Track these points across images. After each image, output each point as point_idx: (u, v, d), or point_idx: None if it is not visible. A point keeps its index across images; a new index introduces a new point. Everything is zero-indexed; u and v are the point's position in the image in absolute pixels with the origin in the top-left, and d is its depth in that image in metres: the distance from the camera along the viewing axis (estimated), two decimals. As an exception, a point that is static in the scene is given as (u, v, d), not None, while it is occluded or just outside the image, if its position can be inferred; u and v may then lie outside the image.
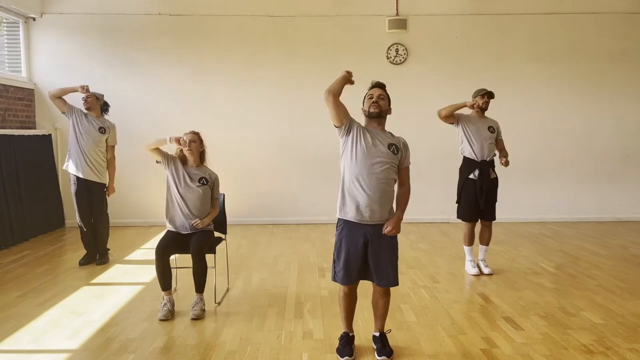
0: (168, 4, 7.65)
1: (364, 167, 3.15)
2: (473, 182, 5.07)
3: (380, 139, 3.21)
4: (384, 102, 3.26)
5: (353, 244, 3.21)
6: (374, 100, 3.24)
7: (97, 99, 5.57)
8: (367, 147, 3.16)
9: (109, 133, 5.57)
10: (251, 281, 5.03)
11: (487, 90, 5.08)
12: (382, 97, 3.27)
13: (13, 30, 7.50)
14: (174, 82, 7.73)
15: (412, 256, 5.92)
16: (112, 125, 5.64)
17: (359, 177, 3.16)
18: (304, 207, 7.85)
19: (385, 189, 3.20)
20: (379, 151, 3.17)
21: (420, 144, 7.75)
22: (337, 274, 3.29)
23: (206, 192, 4.22)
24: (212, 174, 4.29)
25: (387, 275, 3.25)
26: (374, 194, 3.15)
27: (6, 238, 6.32)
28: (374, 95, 3.26)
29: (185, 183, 4.16)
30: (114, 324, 3.93)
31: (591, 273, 5.21)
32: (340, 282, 3.30)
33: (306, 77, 7.72)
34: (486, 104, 5.08)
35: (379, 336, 3.41)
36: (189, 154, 4.18)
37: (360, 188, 3.15)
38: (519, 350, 3.44)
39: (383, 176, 3.17)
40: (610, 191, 8.05)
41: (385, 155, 3.18)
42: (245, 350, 3.46)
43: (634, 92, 7.97)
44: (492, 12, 7.82)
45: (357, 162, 3.16)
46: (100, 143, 5.52)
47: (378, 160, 3.16)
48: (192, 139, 4.18)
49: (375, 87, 3.32)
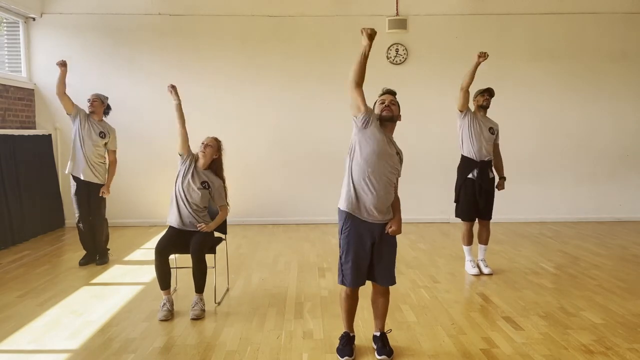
0: (168, 4, 7.65)
1: (377, 167, 3.16)
2: (472, 182, 5.07)
3: (391, 144, 3.25)
4: (395, 108, 3.28)
5: (361, 244, 3.23)
6: (386, 104, 3.25)
7: (102, 102, 5.56)
8: (382, 147, 3.16)
9: (108, 138, 5.55)
10: (251, 281, 5.03)
11: (488, 88, 5.08)
12: (394, 103, 3.29)
13: (13, 30, 7.50)
14: (174, 81, 7.63)
15: (412, 256, 5.92)
16: (112, 130, 5.61)
17: (370, 177, 3.16)
18: (304, 207, 7.84)
19: (391, 191, 3.25)
20: (390, 155, 3.21)
21: (420, 144, 7.77)
22: (346, 277, 3.26)
23: (204, 196, 4.23)
24: (216, 181, 4.29)
25: (389, 275, 3.29)
26: (382, 194, 3.18)
27: (6, 238, 6.32)
28: (385, 100, 3.27)
29: (189, 180, 4.19)
30: (114, 324, 3.93)
31: (591, 273, 5.20)
32: (350, 285, 3.27)
33: (306, 77, 7.72)
34: (487, 101, 5.08)
35: (379, 336, 3.41)
36: (202, 156, 4.25)
37: (372, 187, 3.16)
38: (519, 350, 3.44)
39: (391, 179, 3.22)
40: (609, 191, 8.05)
41: (395, 160, 3.24)
42: (245, 350, 3.46)
43: (634, 92, 7.97)
44: (492, 12, 7.82)
45: (369, 161, 3.15)
46: (99, 147, 5.51)
47: (390, 163, 3.20)
48: (209, 142, 4.28)
49: (387, 93, 3.34)
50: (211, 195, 4.27)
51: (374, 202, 3.17)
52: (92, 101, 5.48)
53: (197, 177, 4.22)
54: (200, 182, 4.21)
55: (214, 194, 4.28)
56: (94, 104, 5.48)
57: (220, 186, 4.31)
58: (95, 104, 5.49)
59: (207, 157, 4.25)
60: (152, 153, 7.65)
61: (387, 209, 3.24)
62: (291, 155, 7.83)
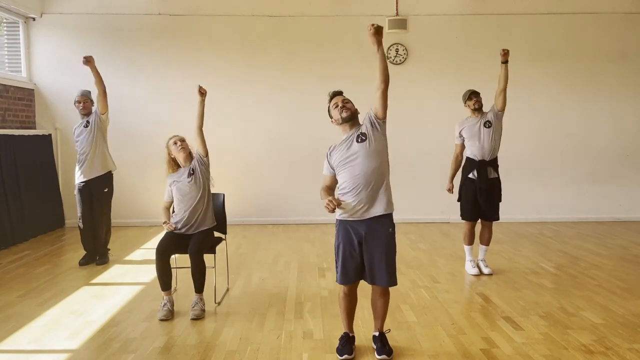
0: (168, 4, 7.65)
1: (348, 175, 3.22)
2: (472, 182, 5.08)
3: (351, 138, 3.26)
4: (350, 104, 3.31)
5: (349, 242, 3.26)
6: (340, 105, 3.29)
7: (91, 100, 5.59)
8: (343, 155, 3.24)
9: (95, 123, 5.49)
10: (251, 281, 5.03)
11: (471, 90, 5.09)
12: (346, 101, 3.32)
13: (13, 30, 7.50)
14: (174, 81, 7.73)
15: (412, 256, 5.92)
16: (95, 111, 5.53)
17: (345, 186, 3.24)
18: (304, 207, 7.84)
19: (375, 186, 3.20)
20: (351, 151, 3.23)
21: (420, 144, 7.78)
22: (337, 274, 3.34)
23: (197, 181, 4.18)
24: (195, 159, 4.24)
25: (384, 275, 3.24)
26: (361, 190, 3.18)
27: (6, 238, 6.32)
28: (339, 103, 3.31)
29: (181, 186, 4.19)
30: (114, 324, 3.93)
31: (591, 273, 5.20)
32: (338, 281, 3.35)
33: (306, 77, 7.72)
34: (477, 103, 5.07)
35: (378, 336, 3.41)
36: (183, 151, 4.21)
37: (350, 192, 3.20)
38: (519, 350, 3.44)
39: (368, 177, 3.18)
40: (610, 191, 8.04)
41: (358, 149, 3.21)
42: (245, 350, 3.46)
43: (634, 92, 7.96)
44: (492, 12, 7.82)
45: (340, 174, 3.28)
46: (89, 137, 5.47)
47: (353, 158, 3.21)
48: (179, 138, 4.27)
49: (335, 96, 3.38)
50: (202, 169, 4.22)
51: (358, 199, 3.18)
52: (83, 103, 5.50)
53: (183, 174, 4.21)
54: (187, 175, 4.19)
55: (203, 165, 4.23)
56: (86, 105, 5.52)
57: (200, 156, 4.23)
58: (86, 105, 5.53)
59: (186, 149, 4.24)
60: (153, 153, 7.61)
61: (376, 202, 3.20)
62: (291, 155, 7.83)
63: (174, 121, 7.51)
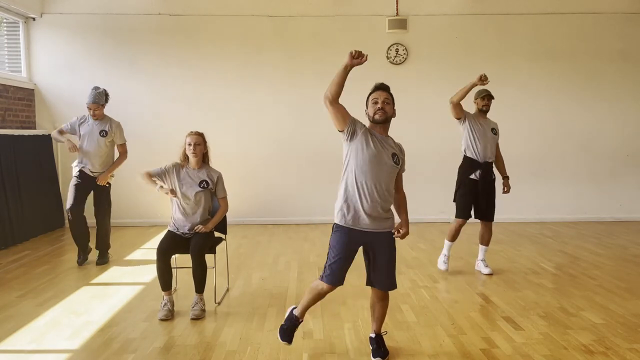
0: (168, 4, 7.65)
1: (369, 177, 3.08)
2: (474, 183, 5.06)
3: (386, 148, 3.13)
4: (389, 107, 3.14)
5: (345, 249, 3.15)
6: (379, 106, 3.11)
7: (103, 106, 5.52)
8: (372, 156, 3.07)
9: (112, 135, 5.54)
10: (251, 281, 5.03)
11: (488, 92, 5.06)
12: (388, 102, 3.14)
13: (13, 30, 7.50)
14: (174, 81, 7.73)
15: (412, 256, 5.92)
16: (117, 124, 5.60)
17: (363, 186, 3.09)
18: (304, 207, 7.84)
19: (388, 197, 3.18)
20: (383, 162, 3.10)
21: (420, 144, 7.76)
22: (326, 275, 3.18)
23: (207, 195, 4.22)
24: (213, 174, 4.27)
25: (387, 280, 3.24)
26: (379, 201, 3.11)
27: (6, 238, 6.31)
28: (379, 100, 3.13)
29: (187, 184, 4.17)
30: (114, 324, 3.93)
31: (591, 273, 5.20)
32: (325, 281, 3.18)
33: (306, 77, 7.72)
34: (487, 106, 5.06)
35: (374, 337, 3.40)
36: (193, 156, 4.16)
37: (363, 196, 3.09)
38: (519, 350, 3.44)
39: (385, 187, 3.13)
40: (610, 191, 8.04)
41: (389, 167, 3.12)
42: (245, 350, 3.46)
43: (634, 92, 7.97)
44: (492, 12, 7.82)
45: (361, 171, 3.08)
46: (102, 145, 5.51)
47: (383, 170, 3.10)
48: (196, 141, 4.15)
49: (380, 89, 3.18)
50: (214, 190, 4.25)
51: (369, 211, 3.09)
52: (93, 110, 5.45)
53: (193, 178, 4.18)
54: (198, 184, 4.18)
55: (217, 187, 4.26)
56: (96, 112, 5.47)
57: (219, 176, 4.28)
58: (97, 113, 5.48)
59: (198, 156, 4.18)
60: (153, 153, 7.62)
61: (384, 216, 3.16)
62: (291, 155, 7.83)
63: (174, 121, 7.53)
